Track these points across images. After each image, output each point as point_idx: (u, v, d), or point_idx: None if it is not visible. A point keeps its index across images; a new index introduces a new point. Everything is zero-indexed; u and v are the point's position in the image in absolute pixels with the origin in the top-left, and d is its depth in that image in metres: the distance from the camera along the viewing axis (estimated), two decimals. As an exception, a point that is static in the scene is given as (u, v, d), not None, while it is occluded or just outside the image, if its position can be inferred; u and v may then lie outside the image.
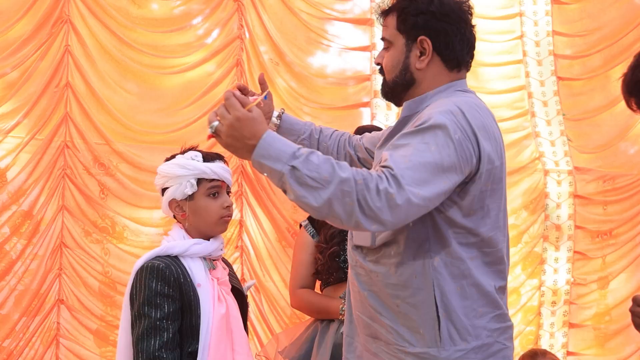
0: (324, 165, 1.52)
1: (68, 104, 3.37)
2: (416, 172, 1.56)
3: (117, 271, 3.36)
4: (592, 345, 3.93)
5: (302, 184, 1.51)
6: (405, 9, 1.77)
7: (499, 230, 1.75)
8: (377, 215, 1.53)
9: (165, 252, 2.06)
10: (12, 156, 3.29)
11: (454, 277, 1.69)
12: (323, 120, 3.70)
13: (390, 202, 1.52)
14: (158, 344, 1.95)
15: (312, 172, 1.51)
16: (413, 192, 1.54)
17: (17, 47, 3.30)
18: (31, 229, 3.29)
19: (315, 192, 1.51)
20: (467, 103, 1.70)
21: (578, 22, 4.01)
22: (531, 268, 3.88)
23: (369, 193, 1.52)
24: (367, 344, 1.79)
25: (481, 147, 1.65)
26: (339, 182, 1.51)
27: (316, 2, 3.71)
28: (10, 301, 3.26)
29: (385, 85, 1.83)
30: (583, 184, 3.91)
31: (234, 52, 3.57)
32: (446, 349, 1.68)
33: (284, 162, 1.51)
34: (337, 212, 1.52)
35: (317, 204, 1.52)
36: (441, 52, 1.76)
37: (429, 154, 1.58)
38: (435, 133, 1.61)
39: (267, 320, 3.49)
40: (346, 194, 1.51)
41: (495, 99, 3.92)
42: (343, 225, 1.56)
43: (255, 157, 1.54)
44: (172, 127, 3.50)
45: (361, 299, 1.78)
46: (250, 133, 1.53)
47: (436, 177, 1.58)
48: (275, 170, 1.52)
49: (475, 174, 1.66)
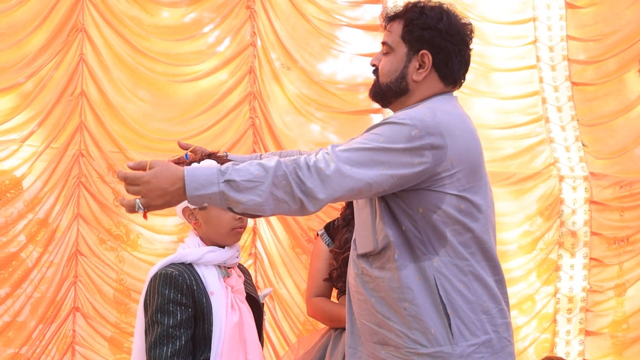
0: (251, 167, 1.60)
1: (83, 113, 3.40)
2: (352, 154, 1.64)
3: (132, 279, 3.37)
4: (610, 353, 3.89)
5: (242, 190, 1.58)
6: (414, 21, 1.82)
7: (490, 226, 1.81)
8: (312, 191, 1.60)
9: (179, 259, 2.07)
10: (27, 165, 3.33)
11: (456, 274, 1.74)
12: (334, 125, 3.72)
13: (320, 174, 1.60)
14: (170, 351, 1.95)
15: (245, 176, 1.59)
16: (343, 167, 1.62)
17: (33, 56, 3.34)
18: (47, 237, 3.31)
19: (257, 190, 1.58)
20: (442, 107, 1.77)
21: (592, 26, 3.98)
22: (546, 275, 3.85)
23: (300, 170, 1.60)
24: (375, 351, 1.80)
25: (449, 148, 1.70)
26: (272, 171, 1.59)
27: (328, 9, 3.72)
28: (26, 309, 3.29)
29: (378, 87, 1.88)
30: (599, 189, 3.87)
31: (246, 60, 3.59)
32: (459, 344, 1.72)
33: (217, 183, 1.58)
34: (281, 197, 1.59)
35: (262, 199, 1.59)
36: (439, 68, 1.82)
37: (375, 143, 1.67)
38: (392, 127, 1.69)
39: (280, 327, 3.49)
40: (281, 177, 1.60)
41: (509, 105, 3.90)
42: (292, 210, 1.62)
43: (189, 193, 1.58)
44: (185, 135, 3.52)
45: (367, 307, 1.80)
46: (169, 181, 1.58)
47: (372, 164, 1.65)
48: (213, 194, 1.58)
49: (450, 172, 1.71)
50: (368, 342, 1.83)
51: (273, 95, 3.64)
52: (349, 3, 3.79)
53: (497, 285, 1.80)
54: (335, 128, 3.74)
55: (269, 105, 3.60)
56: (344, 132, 3.73)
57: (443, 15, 1.82)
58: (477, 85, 3.88)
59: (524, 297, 3.81)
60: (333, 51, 3.74)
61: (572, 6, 3.97)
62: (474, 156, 1.78)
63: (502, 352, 1.77)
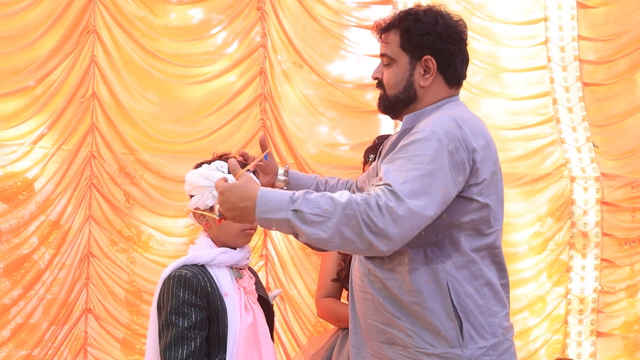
0: (322, 199, 1.61)
1: (94, 114, 3.41)
2: (413, 184, 1.64)
3: (143, 280, 3.38)
4: (621, 354, 3.87)
5: (309, 222, 1.60)
6: (411, 29, 1.82)
7: (500, 231, 1.84)
8: (384, 231, 1.60)
9: (192, 261, 2.06)
10: (39, 166, 3.34)
11: (467, 278, 1.76)
12: (342, 127, 3.72)
13: (392, 215, 1.60)
14: (185, 353, 1.95)
15: (313, 209, 1.60)
16: (413, 203, 1.62)
17: (45, 58, 3.35)
18: (59, 238, 3.33)
19: (323, 225, 1.60)
20: (460, 115, 1.78)
21: (604, 26, 3.97)
22: (557, 276, 3.84)
23: (372, 211, 1.60)
24: (382, 351, 1.81)
25: (478, 155, 1.73)
26: (342, 208, 1.60)
27: (337, 9, 3.73)
28: (39, 310, 3.30)
29: (386, 100, 1.88)
30: (610, 190, 3.86)
31: (256, 61, 3.60)
32: (468, 347, 1.74)
33: (286, 209, 1.60)
34: (349, 237, 1.60)
35: (328, 235, 1.60)
36: (443, 70, 1.84)
37: (424, 166, 1.66)
38: (430, 145, 1.69)
39: (291, 328, 3.49)
40: (351, 217, 1.60)
41: (519, 106, 3.89)
42: (358, 250, 1.64)
43: (258, 215, 1.62)
44: (195, 137, 3.53)
45: (375, 306, 1.81)
46: (240, 198, 1.63)
47: (433, 187, 1.65)
48: (280, 220, 1.61)
49: (478, 180, 1.74)
50: (373, 342, 1.83)
51: (284, 97, 3.64)
52: (357, 4, 3.80)
53: (504, 289, 1.83)
54: (343, 129, 3.75)
55: (280, 106, 3.60)
56: (351, 134, 3.73)
57: (438, 17, 1.82)
58: (487, 85, 3.87)
59: (534, 298, 3.80)
60: (341, 52, 3.74)
61: (584, 6, 3.95)
62: (494, 161, 1.81)
63: (506, 353, 1.80)
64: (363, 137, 3.63)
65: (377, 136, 2.93)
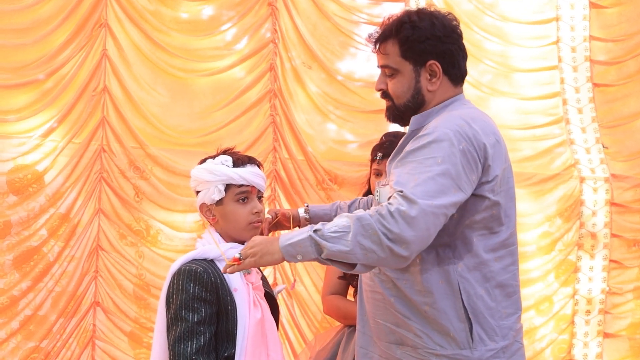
0: (338, 219, 1.66)
1: (105, 108, 3.42)
2: (426, 186, 1.65)
3: (151, 274, 3.39)
4: (628, 355, 3.87)
5: (328, 239, 1.63)
6: (410, 37, 1.80)
7: (515, 231, 1.83)
8: (400, 236, 1.60)
9: (201, 255, 2.06)
10: (50, 159, 3.35)
11: (478, 280, 1.75)
12: (352, 124, 3.72)
13: (405, 218, 1.60)
14: (195, 347, 1.95)
15: (331, 227, 1.65)
16: (426, 203, 1.62)
17: (57, 51, 3.37)
18: (68, 231, 3.34)
19: (342, 240, 1.62)
20: (469, 114, 1.78)
21: (617, 27, 3.95)
22: (564, 276, 3.83)
23: (385, 219, 1.61)
24: (389, 351, 1.81)
25: (489, 153, 1.73)
26: (356, 220, 1.62)
27: (349, 6, 3.73)
28: (47, 303, 3.32)
29: (395, 109, 1.88)
30: (620, 191, 3.85)
31: (266, 57, 3.60)
32: (478, 349, 1.74)
33: (307, 231, 1.66)
34: (369, 247, 1.61)
35: (349, 248, 1.61)
36: (449, 71, 1.84)
37: (436, 167, 1.67)
38: (441, 146, 1.69)
39: (298, 324, 3.50)
40: (367, 227, 1.61)
41: (529, 106, 3.88)
42: (382, 259, 1.64)
43: (282, 244, 1.67)
44: (204, 132, 3.53)
45: (385, 306, 1.81)
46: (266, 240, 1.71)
47: (446, 187, 1.66)
48: (303, 240, 1.65)
49: (490, 178, 1.74)
50: (382, 342, 1.83)
51: (295, 94, 3.65)
52: (369, 1, 3.79)
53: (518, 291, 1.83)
54: (352, 127, 3.75)
55: (290, 103, 3.60)
56: (360, 132, 3.73)
57: (433, 20, 1.81)
58: (498, 85, 3.86)
59: (541, 298, 3.80)
60: (352, 49, 3.74)
61: (597, 6, 3.93)
62: (505, 158, 1.81)
63: (515, 355, 1.80)
64: (371, 135, 3.63)
65: (384, 133, 2.93)
